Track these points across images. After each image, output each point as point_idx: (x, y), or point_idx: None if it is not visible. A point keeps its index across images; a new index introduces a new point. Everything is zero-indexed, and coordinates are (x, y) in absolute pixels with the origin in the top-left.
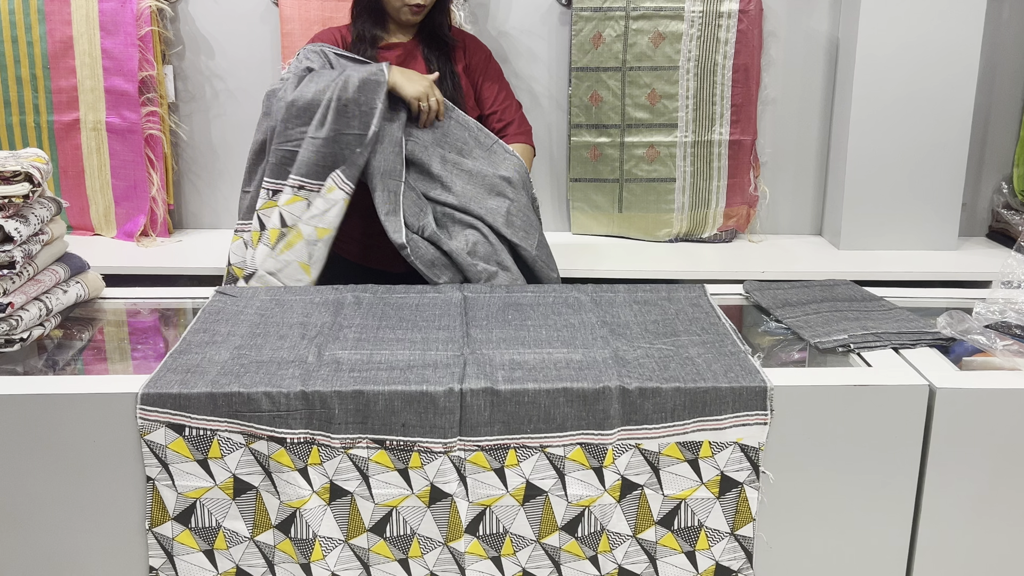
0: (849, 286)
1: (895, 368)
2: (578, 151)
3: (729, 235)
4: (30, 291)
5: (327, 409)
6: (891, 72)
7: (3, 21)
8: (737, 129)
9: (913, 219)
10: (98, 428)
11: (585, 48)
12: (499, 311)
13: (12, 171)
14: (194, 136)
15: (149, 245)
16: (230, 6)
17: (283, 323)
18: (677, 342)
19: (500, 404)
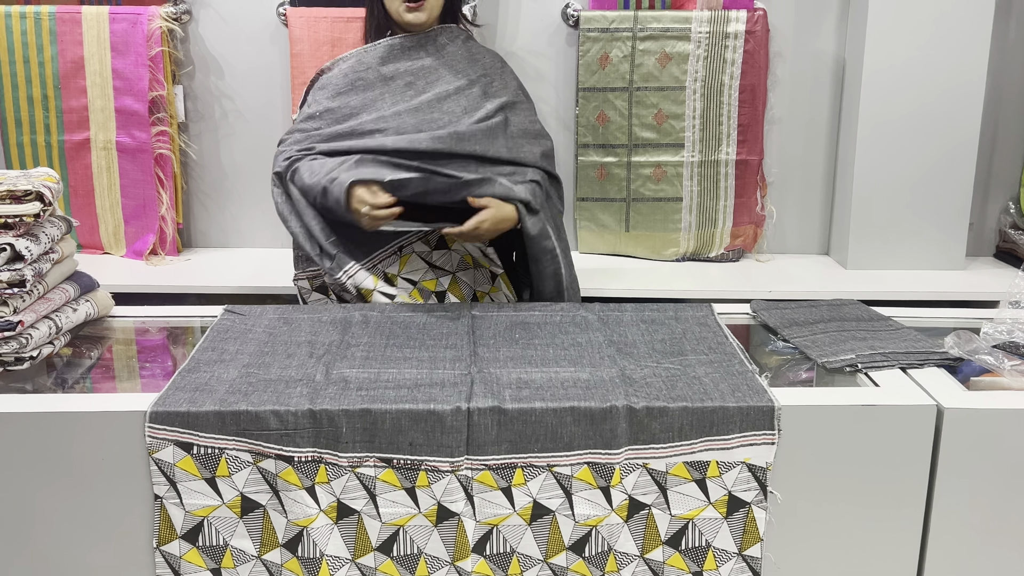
0: (856, 306)
1: (903, 388)
2: (585, 171)
3: (736, 254)
4: (40, 309)
5: (335, 428)
6: (897, 92)
7: (15, 42)
8: (744, 149)
9: (920, 239)
10: (107, 446)
11: (592, 68)
12: (506, 330)
13: (23, 190)
14: (203, 155)
15: (158, 264)
16: (240, 27)
17: (291, 341)
18: (684, 361)
19: (507, 423)
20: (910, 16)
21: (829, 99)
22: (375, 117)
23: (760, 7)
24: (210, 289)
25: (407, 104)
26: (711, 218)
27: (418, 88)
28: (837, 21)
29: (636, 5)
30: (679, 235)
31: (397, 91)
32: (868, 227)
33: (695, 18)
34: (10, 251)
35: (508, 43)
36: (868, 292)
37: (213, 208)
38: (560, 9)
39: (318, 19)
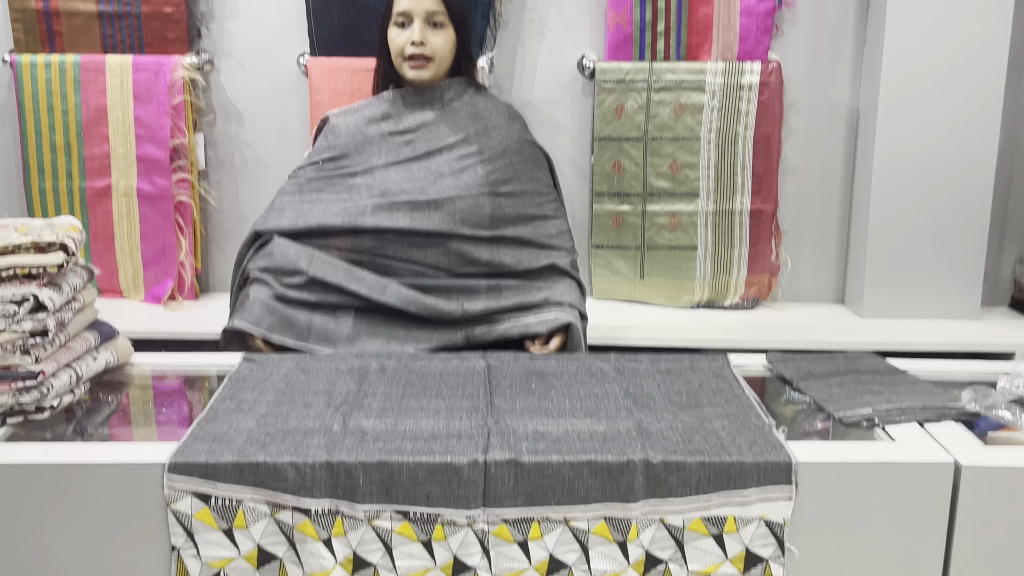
0: (872, 358)
1: (920, 443)
2: (600, 218)
3: (751, 303)
4: (61, 359)
5: (352, 479)
6: (912, 142)
7: (40, 90)
8: (758, 198)
9: (935, 288)
10: (125, 497)
11: (608, 118)
12: (522, 380)
13: (48, 241)
14: (223, 202)
15: (176, 309)
16: (261, 76)
17: (308, 391)
18: (701, 414)
19: (524, 476)
20: (924, 67)
21: (843, 149)
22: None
23: (774, 59)
24: None
25: (398, 160)
26: (726, 266)
27: (415, 146)
28: (851, 72)
29: (651, 57)
30: (694, 283)
31: (394, 147)
32: (883, 276)
33: (709, 69)
34: (33, 301)
35: (525, 93)
36: (883, 342)
37: (231, 253)
38: (576, 60)
39: (338, 69)
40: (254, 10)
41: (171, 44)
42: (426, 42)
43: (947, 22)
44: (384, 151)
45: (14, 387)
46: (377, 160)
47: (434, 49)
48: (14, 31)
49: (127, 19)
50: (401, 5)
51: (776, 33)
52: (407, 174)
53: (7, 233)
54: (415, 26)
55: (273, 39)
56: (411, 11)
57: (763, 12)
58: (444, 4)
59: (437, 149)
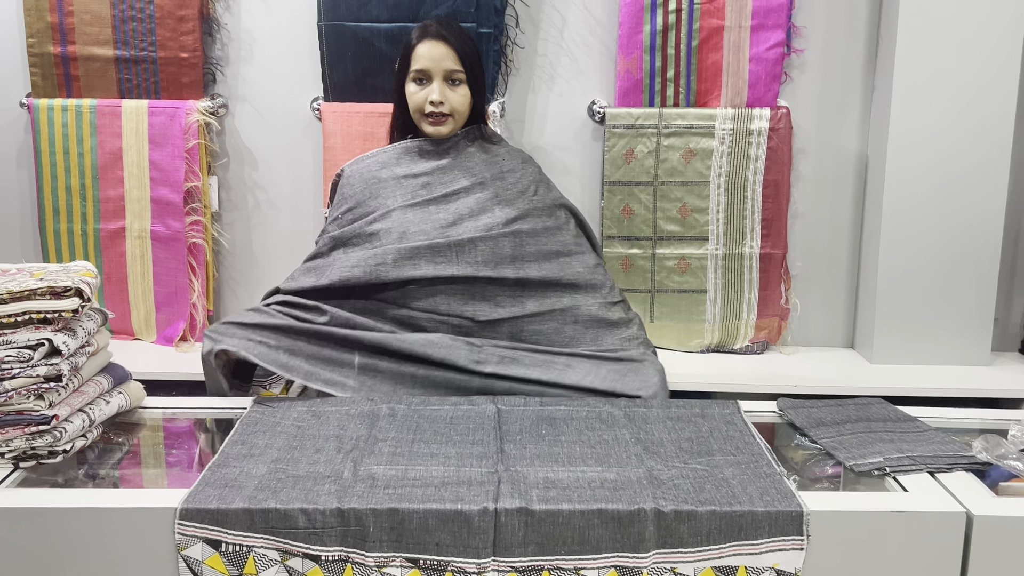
0: (883, 405)
1: (931, 494)
2: (610, 262)
3: (761, 347)
4: (74, 403)
5: (362, 527)
6: (921, 188)
7: (56, 133)
8: (768, 243)
9: (946, 334)
10: (136, 542)
11: (617, 163)
12: (532, 425)
13: (63, 286)
14: (235, 244)
15: (188, 350)
16: (275, 120)
17: (319, 435)
18: (712, 462)
19: (534, 525)
20: (933, 113)
21: (852, 194)
22: (381, 213)
23: (783, 105)
24: None
25: (415, 201)
26: (735, 310)
27: (431, 189)
28: (859, 119)
29: (661, 103)
30: (704, 327)
31: (410, 190)
32: (893, 321)
33: (719, 115)
34: (48, 346)
35: (535, 138)
36: (893, 388)
37: (243, 295)
38: (586, 106)
39: (351, 114)
40: (269, 56)
41: (186, 89)
42: (445, 100)
43: (956, 69)
44: (399, 194)
45: (27, 431)
46: (393, 202)
47: (453, 107)
48: (32, 75)
49: (144, 64)
50: (420, 63)
51: (785, 80)
52: (424, 215)
53: (23, 278)
54: (435, 85)
55: (287, 84)
56: (430, 70)
57: (772, 59)
58: (461, 63)
59: (454, 192)
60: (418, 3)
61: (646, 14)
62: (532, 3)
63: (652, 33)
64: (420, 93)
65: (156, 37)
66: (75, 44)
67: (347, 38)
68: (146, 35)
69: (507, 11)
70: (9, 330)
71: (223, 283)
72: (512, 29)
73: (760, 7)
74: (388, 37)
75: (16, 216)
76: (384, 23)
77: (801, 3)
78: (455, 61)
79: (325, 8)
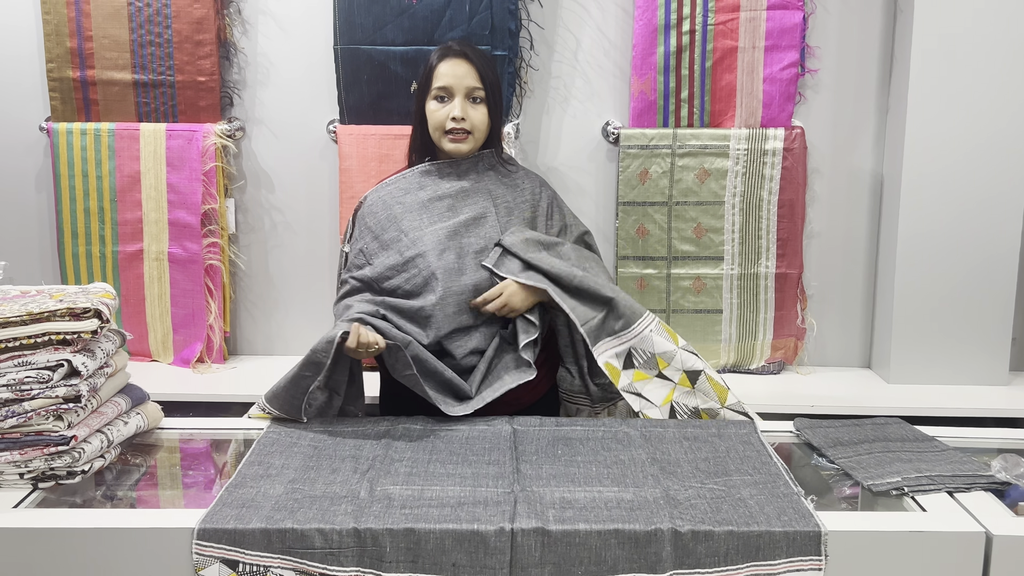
0: (901, 425)
1: (950, 514)
2: (625, 282)
3: (777, 367)
4: (93, 424)
5: (378, 547)
6: (937, 207)
7: (75, 156)
8: (783, 263)
9: (963, 354)
10: (154, 563)
11: (632, 183)
12: (548, 445)
13: (82, 308)
14: (252, 266)
15: (204, 372)
16: (291, 143)
17: (336, 455)
18: (729, 482)
19: (551, 545)
20: (947, 132)
21: (868, 214)
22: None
23: (798, 125)
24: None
25: (444, 224)
26: (751, 330)
27: (456, 210)
28: (874, 139)
29: (675, 123)
30: (719, 347)
31: (436, 212)
32: (910, 341)
33: (733, 136)
34: (67, 367)
35: (550, 159)
36: (911, 408)
37: (260, 317)
38: (600, 127)
39: (367, 136)
40: (285, 79)
41: (204, 112)
42: (467, 117)
43: (971, 88)
44: (427, 217)
45: (47, 452)
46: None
47: (473, 124)
48: (51, 100)
49: (161, 88)
50: (442, 80)
51: (799, 100)
52: (457, 241)
53: (43, 299)
54: (456, 102)
55: (303, 107)
56: (452, 87)
57: (786, 79)
58: (482, 81)
59: (480, 216)
60: (433, 26)
61: (660, 35)
62: (546, 25)
63: (666, 54)
64: (442, 110)
65: (174, 61)
66: (94, 68)
67: (363, 61)
68: (164, 59)
69: (521, 33)
70: (29, 351)
71: (240, 305)
72: (527, 51)
73: (774, 28)
74: (403, 60)
75: (35, 239)
76: (399, 46)
77: (815, 24)
78: (476, 79)
79: (341, 32)
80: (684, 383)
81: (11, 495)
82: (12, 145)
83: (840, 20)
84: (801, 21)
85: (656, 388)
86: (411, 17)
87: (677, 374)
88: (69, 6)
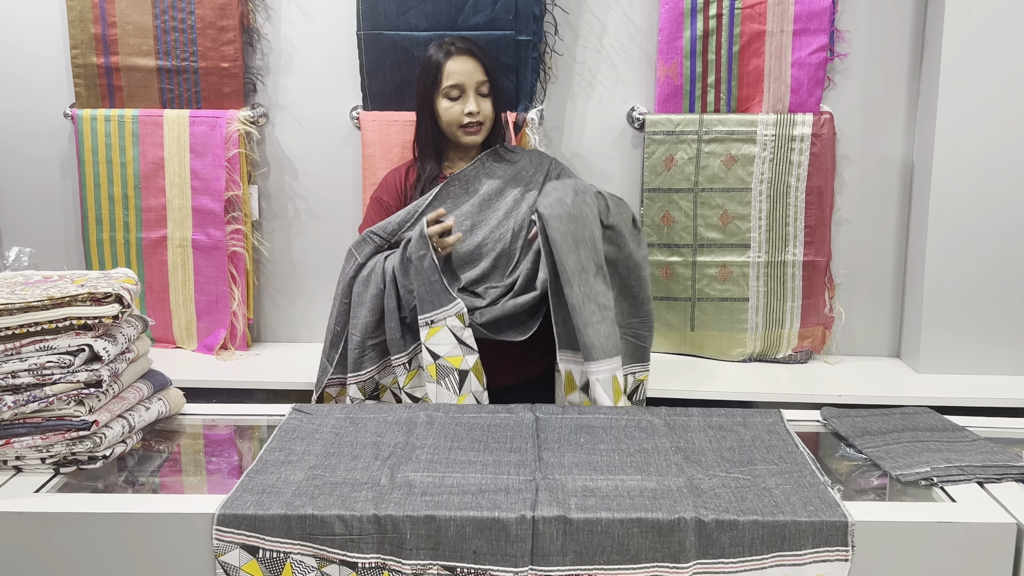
0: (930, 414)
1: (981, 504)
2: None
3: (804, 356)
4: (114, 409)
5: (399, 534)
6: (968, 194)
7: (99, 143)
8: (811, 250)
9: (994, 343)
10: (174, 547)
11: (657, 170)
12: (571, 433)
13: (103, 292)
14: (275, 252)
15: (228, 359)
16: (314, 129)
17: (357, 442)
18: (754, 471)
19: (573, 533)
20: (980, 117)
21: (897, 201)
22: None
23: (826, 110)
24: (278, 384)
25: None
26: (778, 319)
27: (473, 217)
28: (904, 124)
29: (701, 109)
30: (745, 335)
31: (453, 194)
32: (940, 330)
33: (760, 121)
34: (88, 352)
35: (574, 145)
36: (940, 398)
37: (283, 304)
38: (625, 112)
39: (389, 122)
40: (308, 65)
41: (227, 98)
42: (480, 110)
43: (1003, 71)
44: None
45: (68, 437)
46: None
47: (485, 115)
48: (76, 86)
49: (185, 74)
50: (453, 78)
51: (828, 85)
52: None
53: (64, 284)
54: (469, 97)
55: (327, 93)
56: (464, 84)
57: (815, 64)
58: (487, 75)
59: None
60: (456, 11)
61: (686, 19)
62: (571, 10)
63: (692, 38)
64: (455, 107)
65: (197, 47)
66: (118, 55)
67: (386, 47)
68: (188, 45)
69: (546, 18)
70: (50, 336)
71: (263, 291)
72: (551, 36)
73: (803, 11)
74: (427, 46)
75: (60, 226)
76: (423, 31)
77: (845, 7)
78: (483, 73)
79: (364, 17)
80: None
81: (33, 480)
82: (37, 132)
83: (871, 3)
84: (831, 5)
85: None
86: (435, 2)
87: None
88: None
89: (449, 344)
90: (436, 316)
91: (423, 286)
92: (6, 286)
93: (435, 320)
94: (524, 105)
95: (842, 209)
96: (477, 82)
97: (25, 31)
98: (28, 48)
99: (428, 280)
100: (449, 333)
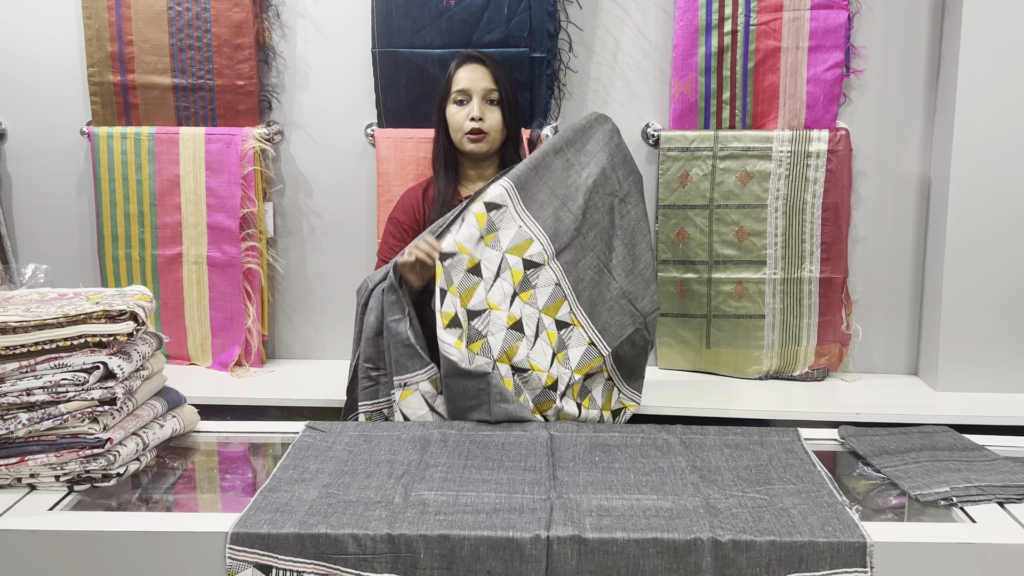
0: (949, 433)
1: (1001, 525)
2: (665, 286)
3: (821, 373)
4: (128, 426)
5: (412, 553)
6: (986, 211)
7: (115, 160)
8: (828, 267)
9: (1013, 361)
10: (187, 567)
11: (672, 186)
12: (586, 452)
13: (118, 310)
14: (290, 269)
15: (242, 375)
16: (329, 146)
17: (370, 460)
18: (771, 491)
19: (588, 553)
20: (997, 134)
21: (915, 218)
22: None
23: (842, 127)
24: (292, 402)
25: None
26: (795, 336)
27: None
28: (921, 141)
29: (716, 125)
30: (762, 353)
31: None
32: (958, 348)
33: (776, 138)
34: (103, 369)
35: None
36: (959, 416)
37: (298, 321)
38: (640, 129)
39: (404, 139)
40: (324, 83)
41: (243, 116)
42: (483, 117)
43: (1020, 88)
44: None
45: (82, 455)
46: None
47: (490, 124)
48: (92, 104)
49: (201, 92)
50: (460, 84)
51: (844, 101)
52: None
53: (79, 302)
54: (473, 103)
55: (341, 111)
56: (470, 89)
57: (830, 80)
58: (496, 83)
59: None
60: (471, 29)
61: (701, 36)
62: (585, 27)
63: (707, 55)
64: (461, 112)
65: (213, 65)
66: (134, 73)
67: (401, 64)
68: (203, 63)
69: (560, 35)
70: (65, 353)
71: (278, 308)
72: (565, 53)
73: (818, 28)
74: (441, 63)
75: (76, 243)
76: (437, 49)
77: (860, 23)
78: (491, 81)
79: (379, 35)
80: None
81: (47, 497)
82: (54, 149)
83: (886, 20)
84: (846, 21)
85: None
86: (449, 20)
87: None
88: (110, 11)
89: (422, 409)
90: (409, 380)
91: (396, 349)
92: (22, 304)
93: (408, 383)
94: (539, 122)
95: (859, 225)
96: (484, 89)
97: (42, 49)
98: (45, 66)
99: (402, 345)
100: (421, 398)
